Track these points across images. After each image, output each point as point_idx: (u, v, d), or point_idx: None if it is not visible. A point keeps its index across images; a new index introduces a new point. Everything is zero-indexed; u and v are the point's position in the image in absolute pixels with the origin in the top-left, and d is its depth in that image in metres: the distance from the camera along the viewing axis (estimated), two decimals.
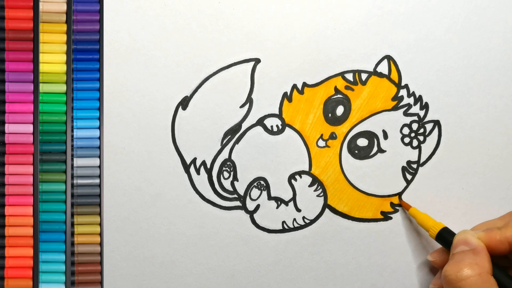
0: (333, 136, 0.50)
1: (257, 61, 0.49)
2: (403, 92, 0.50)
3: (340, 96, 0.50)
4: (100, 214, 0.49)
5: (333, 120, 0.50)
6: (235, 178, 0.49)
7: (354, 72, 0.50)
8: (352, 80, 0.50)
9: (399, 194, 0.50)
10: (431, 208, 0.50)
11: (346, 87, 0.50)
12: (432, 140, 0.50)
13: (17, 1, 0.48)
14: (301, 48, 0.49)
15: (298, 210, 0.50)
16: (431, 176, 0.50)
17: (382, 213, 0.50)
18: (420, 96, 0.50)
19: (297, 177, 0.50)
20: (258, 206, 0.50)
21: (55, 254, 0.49)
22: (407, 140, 0.50)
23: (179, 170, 0.49)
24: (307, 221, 0.50)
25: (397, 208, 0.50)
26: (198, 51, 0.49)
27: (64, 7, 0.49)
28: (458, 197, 0.50)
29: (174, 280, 0.49)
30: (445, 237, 0.46)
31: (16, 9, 0.48)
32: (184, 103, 0.49)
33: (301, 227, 0.50)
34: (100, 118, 0.49)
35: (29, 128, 0.48)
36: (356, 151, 0.50)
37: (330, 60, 0.49)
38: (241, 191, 0.49)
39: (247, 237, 0.49)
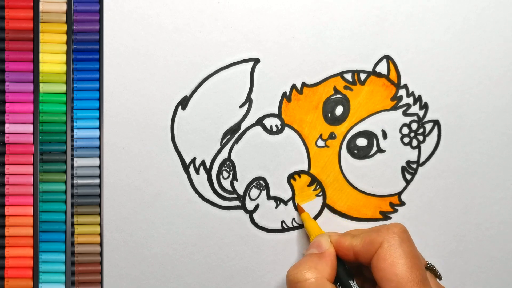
0: (332, 136, 0.50)
1: (256, 61, 0.49)
2: (402, 92, 0.50)
3: (339, 96, 0.50)
4: (100, 214, 0.49)
5: (332, 120, 0.50)
6: (235, 178, 0.49)
7: (353, 72, 0.50)
8: (351, 80, 0.50)
9: (399, 194, 0.50)
10: (431, 208, 0.50)
11: (345, 87, 0.50)
12: (431, 140, 0.50)
13: (17, 1, 0.48)
14: (300, 48, 0.49)
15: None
16: (431, 176, 0.50)
17: (381, 213, 0.50)
18: (419, 96, 0.50)
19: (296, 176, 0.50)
20: (257, 206, 0.50)
21: (55, 254, 0.49)
22: (406, 140, 0.50)
23: (179, 170, 0.49)
24: None
25: (396, 208, 0.50)
26: (197, 51, 0.49)
27: (64, 7, 0.49)
28: (458, 197, 0.50)
29: (173, 280, 0.49)
30: None
31: (16, 9, 0.48)
32: (183, 103, 0.49)
33: (300, 226, 0.50)
34: (100, 118, 0.49)
35: (29, 128, 0.48)
36: (356, 151, 0.50)
37: (329, 60, 0.49)
38: (241, 191, 0.49)
39: (246, 237, 0.49)
